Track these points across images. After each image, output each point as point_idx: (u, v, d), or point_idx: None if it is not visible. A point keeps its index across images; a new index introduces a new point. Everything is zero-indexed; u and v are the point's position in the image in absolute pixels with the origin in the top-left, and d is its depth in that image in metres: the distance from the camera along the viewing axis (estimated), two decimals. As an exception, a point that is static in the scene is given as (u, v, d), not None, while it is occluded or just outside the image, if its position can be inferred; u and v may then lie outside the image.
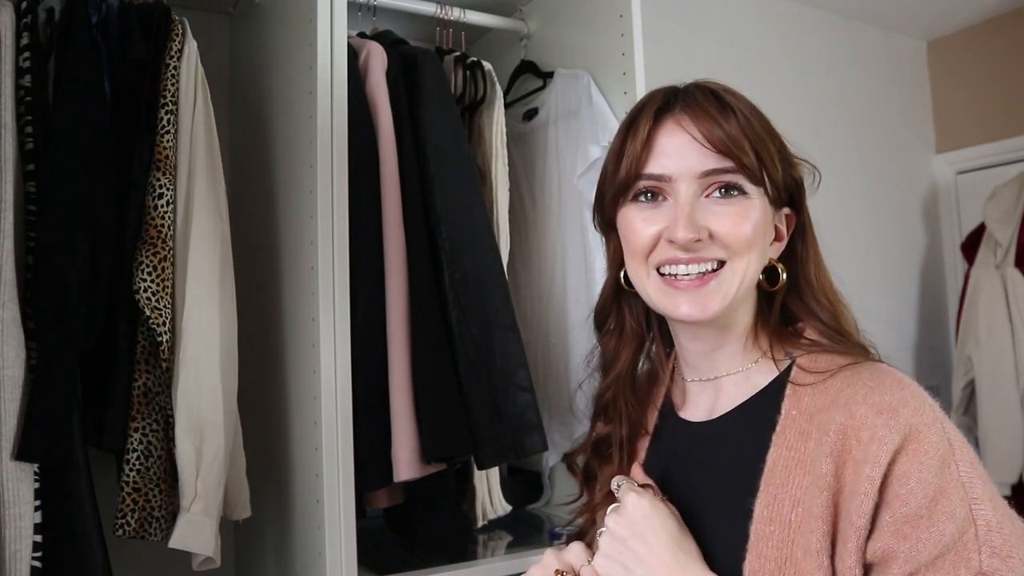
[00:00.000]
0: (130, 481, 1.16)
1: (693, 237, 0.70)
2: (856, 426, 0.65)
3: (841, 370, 0.70)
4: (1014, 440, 2.31)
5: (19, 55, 1.15)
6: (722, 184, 0.72)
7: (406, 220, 1.29)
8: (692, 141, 0.72)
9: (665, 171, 0.73)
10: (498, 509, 1.45)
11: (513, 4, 1.71)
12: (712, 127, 0.71)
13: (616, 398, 0.84)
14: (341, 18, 1.24)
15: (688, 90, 0.76)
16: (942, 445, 0.63)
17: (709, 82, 0.78)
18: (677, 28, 2.22)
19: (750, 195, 0.72)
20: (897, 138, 2.80)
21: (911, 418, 0.64)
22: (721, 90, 0.76)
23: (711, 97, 0.74)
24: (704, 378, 0.80)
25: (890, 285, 2.73)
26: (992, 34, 2.75)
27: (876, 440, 0.63)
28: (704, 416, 0.79)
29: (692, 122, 0.72)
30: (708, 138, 0.71)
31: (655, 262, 0.74)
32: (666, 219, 0.73)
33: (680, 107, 0.74)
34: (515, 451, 1.29)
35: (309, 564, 1.22)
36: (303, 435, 1.25)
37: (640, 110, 0.76)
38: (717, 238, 0.71)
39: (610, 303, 0.85)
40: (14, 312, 1.09)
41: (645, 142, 0.73)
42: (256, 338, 1.39)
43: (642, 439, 0.85)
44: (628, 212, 0.76)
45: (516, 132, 1.63)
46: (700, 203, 0.72)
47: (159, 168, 1.20)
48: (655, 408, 0.86)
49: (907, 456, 0.62)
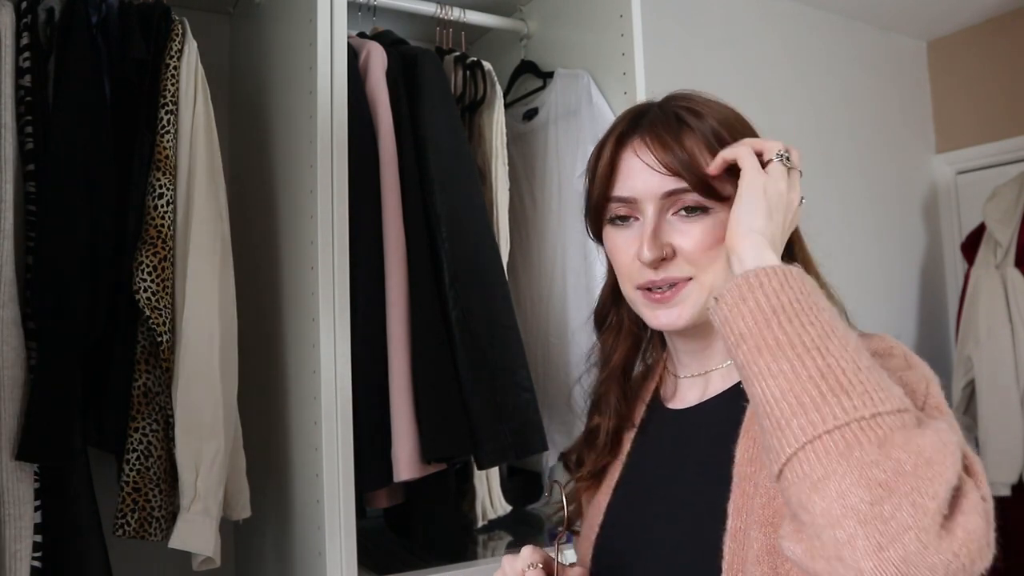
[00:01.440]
0: (130, 481, 1.16)
1: (657, 256, 0.75)
2: None
3: None
4: (1014, 440, 2.31)
5: (19, 55, 1.15)
6: (684, 204, 0.76)
7: (406, 220, 1.29)
8: (647, 166, 0.76)
9: (630, 193, 0.77)
10: (498, 509, 1.45)
11: (513, 4, 1.71)
12: (665, 152, 0.75)
13: (608, 392, 0.88)
14: (341, 18, 1.24)
15: (652, 111, 0.80)
16: (903, 362, 0.66)
17: (679, 97, 0.81)
18: (677, 28, 2.22)
19: (713, 210, 0.75)
20: (897, 138, 2.81)
21: (877, 344, 0.68)
22: (684, 109, 0.78)
23: (671, 119, 0.77)
24: (695, 374, 0.84)
25: (890, 285, 2.73)
26: (992, 34, 2.75)
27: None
28: (693, 404, 0.83)
29: (647, 147, 0.76)
30: (661, 162, 0.75)
31: (636, 281, 0.78)
32: (638, 240, 0.77)
33: (639, 132, 0.78)
34: (515, 451, 1.29)
35: (309, 564, 1.22)
36: (303, 435, 1.25)
37: (608, 134, 0.81)
38: (681, 255, 0.75)
39: (608, 304, 0.90)
40: (14, 312, 1.09)
41: (609, 166, 0.79)
42: (256, 338, 1.39)
43: (628, 432, 0.88)
44: (609, 233, 0.81)
45: (516, 132, 1.63)
46: (668, 220, 0.76)
47: (159, 168, 1.20)
48: (643, 403, 0.89)
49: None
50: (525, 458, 1.51)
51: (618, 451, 0.88)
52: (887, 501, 0.49)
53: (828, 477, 0.51)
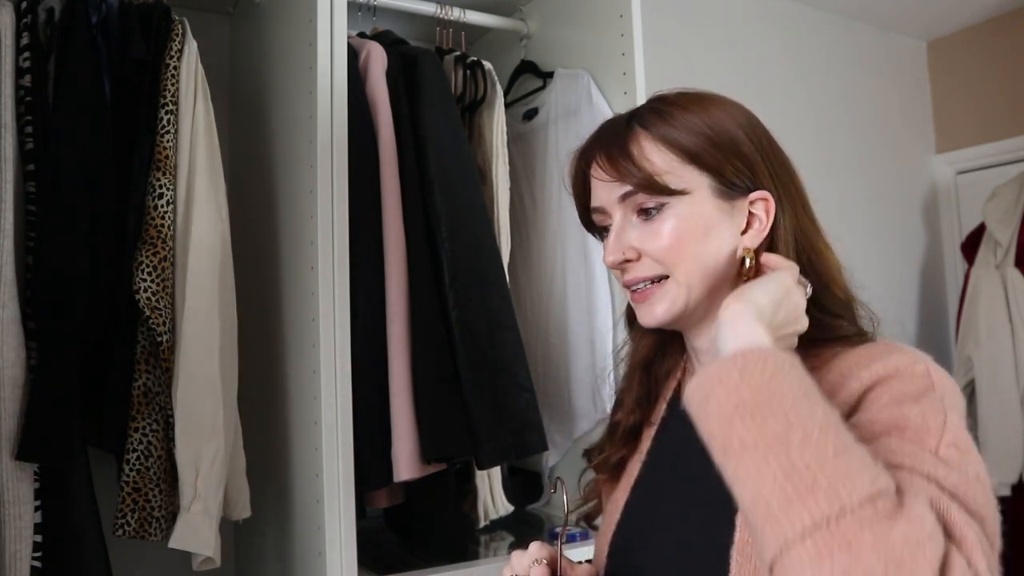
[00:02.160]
0: (130, 481, 1.16)
1: (619, 259, 0.77)
2: (844, 378, 0.68)
3: (833, 358, 0.72)
4: (1014, 440, 2.31)
5: (19, 55, 1.15)
6: (639, 205, 0.77)
7: (406, 220, 1.29)
8: (598, 180, 0.79)
9: (598, 203, 0.80)
10: (500, 509, 1.45)
11: (513, 4, 1.71)
12: (610, 162, 0.77)
13: (631, 388, 0.89)
14: (341, 18, 1.24)
15: (613, 122, 0.82)
16: (924, 379, 0.65)
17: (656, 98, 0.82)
18: (677, 28, 2.22)
19: (670, 206, 0.76)
20: (897, 138, 2.80)
21: (899, 361, 0.66)
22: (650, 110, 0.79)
23: (622, 127, 0.79)
24: None
25: (890, 285, 2.73)
26: (992, 34, 2.75)
27: (855, 378, 0.67)
28: None
29: (596, 162, 0.79)
30: (608, 173, 0.77)
31: (621, 282, 0.81)
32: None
33: (595, 145, 0.80)
34: (515, 451, 1.29)
35: (309, 564, 1.22)
36: (303, 435, 1.25)
37: (576, 149, 0.84)
38: (646, 255, 0.77)
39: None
40: (14, 312, 1.09)
41: (580, 182, 0.83)
42: (256, 338, 1.39)
43: (648, 429, 0.88)
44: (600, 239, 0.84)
45: (516, 132, 1.63)
46: (631, 223, 0.78)
47: (159, 168, 1.20)
48: (664, 400, 0.88)
49: (886, 383, 0.65)
50: (525, 458, 1.51)
51: (637, 447, 0.87)
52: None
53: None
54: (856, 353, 0.71)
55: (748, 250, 0.78)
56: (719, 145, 0.77)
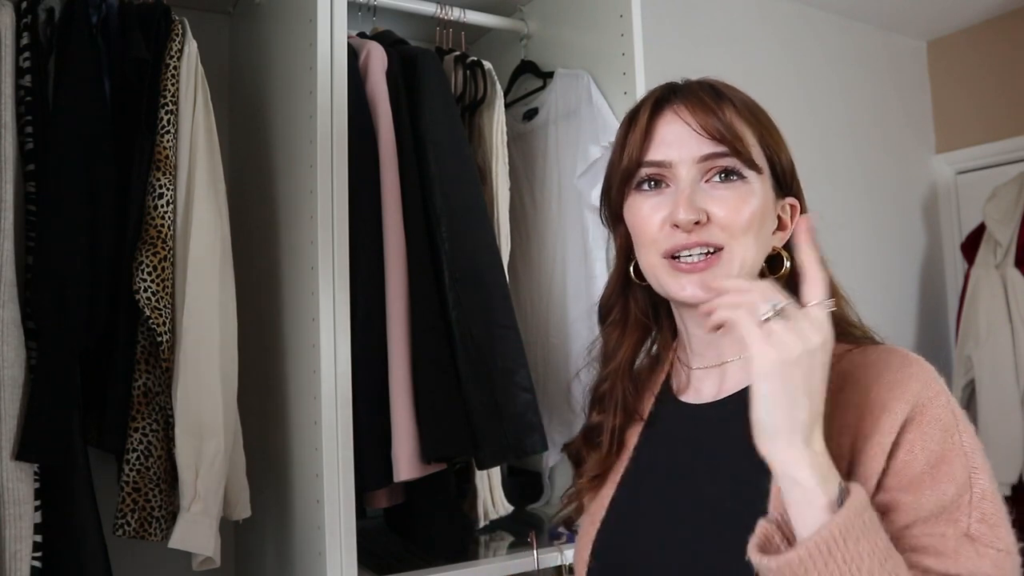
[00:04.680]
0: (130, 481, 1.16)
1: (693, 218, 0.73)
2: (870, 404, 0.68)
3: (847, 353, 0.73)
4: (1014, 440, 2.31)
5: (19, 55, 1.15)
6: (721, 169, 0.75)
7: (406, 220, 1.29)
8: (688, 129, 0.75)
9: (665, 157, 0.76)
10: (500, 509, 1.45)
11: (513, 4, 1.71)
12: (707, 116, 0.74)
13: (614, 388, 0.86)
14: (341, 18, 1.24)
15: (687, 84, 0.80)
16: (947, 416, 0.66)
17: (708, 78, 0.81)
18: (677, 28, 2.22)
19: (749, 180, 0.75)
20: (897, 138, 2.80)
21: (919, 392, 0.67)
22: (719, 84, 0.80)
23: (708, 89, 0.78)
24: (709, 365, 0.81)
25: (890, 285, 2.73)
26: (992, 34, 2.75)
27: (887, 411, 0.66)
28: (709, 400, 0.81)
29: (688, 111, 0.75)
30: (703, 126, 0.74)
31: (662, 248, 0.76)
32: (669, 205, 0.75)
33: (677, 99, 0.77)
34: (515, 451, 1.29)
35: (309, 564, 1.22)
36: (303, 435, 1.25)
37: (641, 103, 0.80)
38: (715, 221, 0.74)
39: (616, 294, 0.88)
40: (14, 312, 1.09)
41: (645, 131, 0.77)
42: (256, 338, 1.39)
43: (635, 426, 0.86)
44: (634, 201, 0.79)
45: (516, 132, 1.63)
46: (700, 187, 0.75)
47: (159, 168, 1.20)
48: (651, 395, 0.87)
49: (914, 426, 0.65)
50: (525, 458, 1.51)
51: (623, 448, 0.85)
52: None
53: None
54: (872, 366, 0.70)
55: (777, 248, 0.79)
56: (781, 139, 0.79)
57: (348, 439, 1.17)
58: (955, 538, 0.62)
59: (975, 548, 0.61)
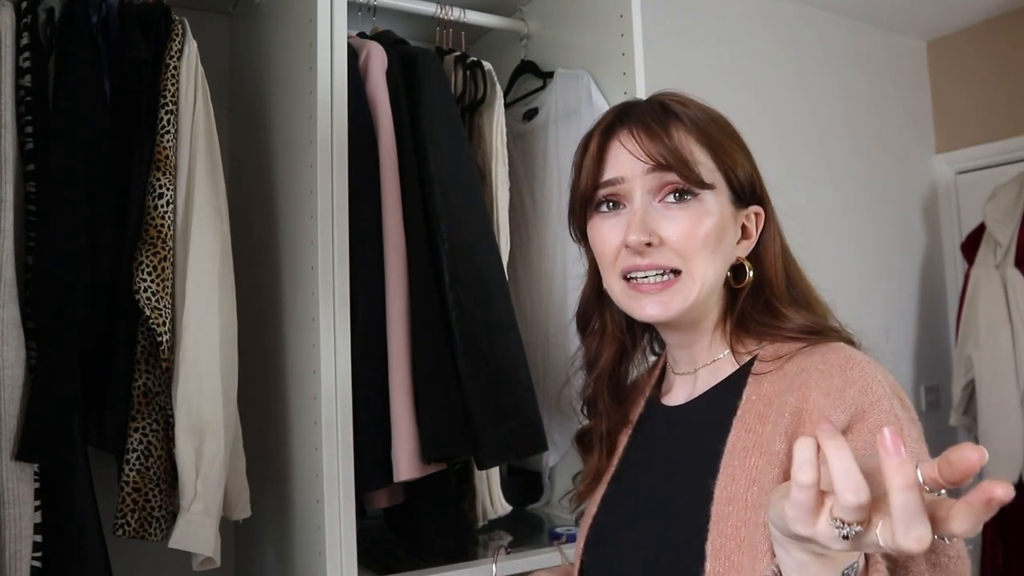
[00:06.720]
0: (130, 481, 1.16)
1: (644, 239, 0.74)
2: (808, 409, 0.68)
3: (797, 353, 0.73)
4: (1014, 440, 2.31)
5: (19, 55, 1.15)
6: (672, 189, 0.75)
7: (406, 220, 1.29)
8: (632, 157, 0.76)
9: (618, 174, 0.77)
10: (499, 509, 1.45)
11: (513, 4, 1.71)
12: (652, 141, 0.75)
13: (596, 396, 0.89)
14: (341, 18, 1.24)
15: (637, 106, 0.80)
16: (889, 421, 0.65)
17: (665, 94, 0.81)
18: (677, 28, 2.22)
19: (702, 198, 0.75)
20: (897, 138, 2.81)
21: (856, 399, 0.66)
22: (673, 101, 0.79)
23: (657, 110, 0.78)
24: (685, 370, 0.84)
25: (890, 285, 2.73)
26: (992, 34, 2.75)
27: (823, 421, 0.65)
28: (682, 402, 0.84)
29: (634, 139, 0.76)
30: (648, 153, 0.75)
31: (620, 269, 0.78)
32: (623, 227, 0.77)
33: (626, 125, 0.78)
34: (515, 451, 1.29)
35: (309, 564, 1.22)
36: (303, 435, 1.25)
37: (593, 128, 0.81)
38: (668, 244, 0.75)
39: (592, 306, 0.90)
40: (14, 312, 1.09)
41: (596, 158, 0.79)
42: (256, 338, 1.39)
43: (624, 431, 0.89)
44: (594, 223, 0.81)
45: (516, 132, 1.63)
46: (654, 207, 0.76)
47: (159, 168, 1.20)
48: (643, 399, 0.90)
49: (854, 435, 0.65)
50: (525, 458, 1.51)
51: (615, 450, 0.88)
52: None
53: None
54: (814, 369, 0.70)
55: (741, 258, 0.80)
56: (739, 152, 0.79)
57: (348, 439, 1.17)
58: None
59: (928, 558, 0.59)
